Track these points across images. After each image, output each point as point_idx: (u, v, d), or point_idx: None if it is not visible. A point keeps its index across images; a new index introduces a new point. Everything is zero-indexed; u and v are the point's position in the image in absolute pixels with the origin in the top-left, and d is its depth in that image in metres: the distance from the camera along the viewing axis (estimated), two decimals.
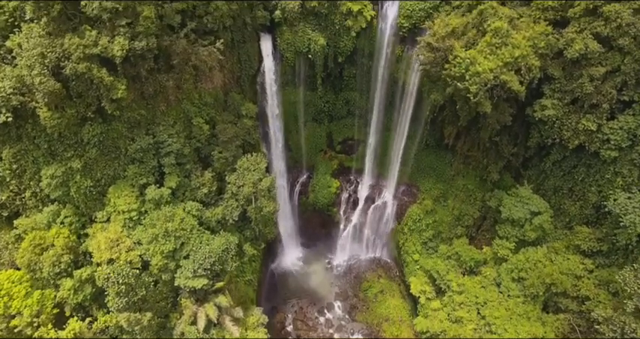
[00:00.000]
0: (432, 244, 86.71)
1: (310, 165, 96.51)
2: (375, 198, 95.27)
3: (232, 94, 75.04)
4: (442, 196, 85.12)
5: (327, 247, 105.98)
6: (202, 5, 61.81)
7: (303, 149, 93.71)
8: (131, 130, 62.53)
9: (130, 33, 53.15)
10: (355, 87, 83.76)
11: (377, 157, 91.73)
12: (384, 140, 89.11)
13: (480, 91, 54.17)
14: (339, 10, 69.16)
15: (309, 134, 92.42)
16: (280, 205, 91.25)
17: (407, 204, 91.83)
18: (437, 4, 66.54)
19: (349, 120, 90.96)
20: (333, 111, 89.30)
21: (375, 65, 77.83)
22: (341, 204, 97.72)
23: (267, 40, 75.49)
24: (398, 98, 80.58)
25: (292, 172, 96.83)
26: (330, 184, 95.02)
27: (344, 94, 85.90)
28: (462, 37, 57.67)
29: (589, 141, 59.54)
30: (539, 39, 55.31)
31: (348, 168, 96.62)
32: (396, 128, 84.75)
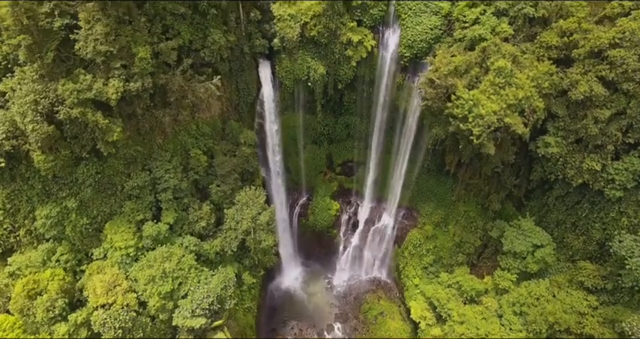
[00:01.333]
0: (433, 268, 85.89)
1: (310, 186, 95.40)
2: (375, 220, 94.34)
3: (230, 123, 73.86)
4: (443, 221, 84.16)
5: (327, 266, 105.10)
6: (199, 40, 60.55)
7: (302, 171, 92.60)
8: (127, 167, 61.52)
9: (125, 74, 52.07)
10: (355, 112, 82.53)
11: (377, 180, 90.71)
12: (384, 163, 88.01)
13: (484, 134, 53.08)
14: (339, 40, 67.85)
15: (308, 156, 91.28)
16: (280, 226, 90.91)
17: (407, 227, 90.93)
18: (439, 35, 65.22)
19: (349, 142, 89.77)
20: (332, 134, 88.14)
21: (375, 92, 76.60)
22: (341, 226, 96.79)
23: (265, 66, 74.20)
24: (399, 124, 79.41)
25: (292, 194, 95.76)
26: (330, 206, 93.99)
27: (344, 119, 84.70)
28: (465, 75, 56.42)
29: (593, 179, 58.54)
30: (543, 79, 54.15)
31: (348, 190, 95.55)
32: (397, 152, 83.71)
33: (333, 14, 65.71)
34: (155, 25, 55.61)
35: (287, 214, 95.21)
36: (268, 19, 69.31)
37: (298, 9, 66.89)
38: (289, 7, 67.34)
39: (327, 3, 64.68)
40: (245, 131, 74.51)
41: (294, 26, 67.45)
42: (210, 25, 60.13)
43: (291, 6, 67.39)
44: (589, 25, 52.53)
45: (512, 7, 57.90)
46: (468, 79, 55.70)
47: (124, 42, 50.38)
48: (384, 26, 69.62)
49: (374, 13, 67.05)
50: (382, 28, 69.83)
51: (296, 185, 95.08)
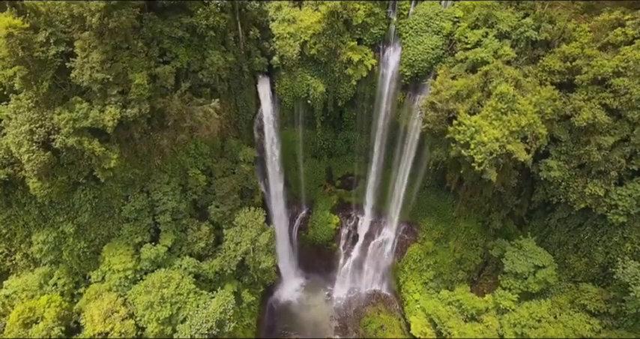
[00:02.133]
0: (433, 284, 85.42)
1: (310, 200, 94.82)
2: (375, 234, 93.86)
3: (229, 141, 73.17)
4: (443, 237, 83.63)
5: (327, 278, 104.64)
6: (197, 61, 59.74)
7: (302, 185, 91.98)
8: (125, 189, 60.96)
9: (122, 100, 51.37)
10: (355, 127, 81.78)
11: (377, 194, 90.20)
12: (384, 177, 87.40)
13: (485, 161, 52.33)
14: (339, 59, 66.97)
15: (308, 170, 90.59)
16: (279, 240, 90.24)
17: (407, 242, 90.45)
18: (440, 55, 64.41)
19: (349, 157, 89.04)
20: (332, 148, 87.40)
21: (376, 109, 75.89)
22: (341, 239, 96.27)
23: (265, 83, 73.37)
24: (399, 140, 78.73)
25: (291, 207, 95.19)
26: (330, 220, 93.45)
27: (344, 134, 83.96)
28: (467, 99, 55.67)
29: (596, 204, 57.90)
30: (545, 104, 53.44)
31: (348, 203, 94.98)
32: (398, 167, 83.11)
33: (333, 33, 64.80)
34: (152, 49, 54.84)
35: (287, 228, 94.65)
36: (267, 36, 68.43)
37: (298, 27, 65.99)
38: (289, 26, 66.42)
39: (327, 22, 63.75)
40: (244, 149, 73.87)
41: (293, 45, 66.58)
42: (209, 47, 59.29)
43: (291, 24, 66.45)
44: (592, 51, 51.75)
45: (515, 30, 57.12)
46: (470, 103, 54.94)
47: (120, 68, 49.64)
48: (384, 44, 68.78)
49: (374, 32, 66.18)
50: (383, 46, 69.00)
51: (296, 198, 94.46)
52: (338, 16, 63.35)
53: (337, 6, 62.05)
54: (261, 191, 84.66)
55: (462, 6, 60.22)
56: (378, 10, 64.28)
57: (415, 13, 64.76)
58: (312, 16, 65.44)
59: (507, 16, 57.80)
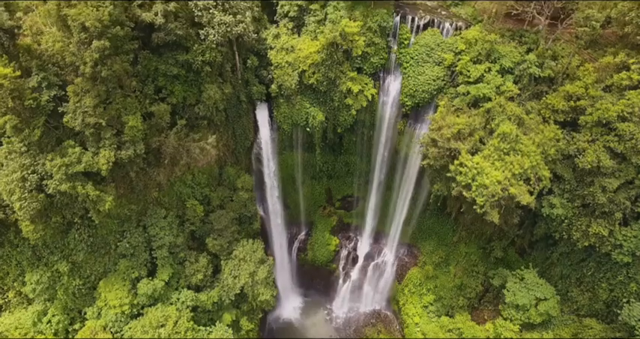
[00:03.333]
0: (433, 308, 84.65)
1: (309, 221, 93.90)
2: (374, 256, 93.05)
3: (227, 169, 72.17)
4: (444, 261, 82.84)
5: (326, 297, 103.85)
6: (193, 95, 58.59)
7: (301, 206, 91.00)
8: (121, 225, 60.08)
9: (116, 142, 50.27)
10: (355, 152, 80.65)
11: (377, 216, 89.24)
12: (385, 199, 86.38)
13: (487, 203, 51.30)
14: (339, 88, 65.72)
15: (307, 192, 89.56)
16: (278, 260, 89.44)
17: (407, 264, 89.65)
18: (441, 86, 63.18)
19: (349, 178, 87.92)
20: (332, 171, 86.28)
21: (376, 135, 74.72)
22: (340, 260, 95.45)
23: (263, 109, 72.27)
24: (400, 165, 77.64)
25: (291, 229, 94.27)
26: (329, 241, 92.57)
27: (344, 157, 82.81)
28: (469, 137, 54.52)
29: (600, 243, 56.86)
30: (549, 145, 52.38)
31: (348, 224, 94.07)
32: (398, 190, 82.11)
33: (333, 63, 63.54)
34: (147, 86, 53.82)
35: (286, 249, 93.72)
36: (265, 64, 67.21)
37: (296, 56, 64.67)
38: (287, 55, 65.10)
39: (326, 53, 62.47)
40: (242, 176, 73.00)
41: (292, 74, 65.31)
42: (205, 81, 58.10)
43: (289, 53, 65.13)
44: (596, 92, 50.59)
45: (518, 65, 55.89)
46: (472, 143, 53.83)
47: (113, 111, 48.56)
48: (384, 72, 67.52)
49: (374, 62, 64.86)
50: (383, 75, 67.73)
51: (295, 220, 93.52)
52: (337, 47, 62.09)
53: (336, 37, 60.73)
54: (260, 215, 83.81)
55: (464, 39, 58.86)
56: (378, 40, 62.91)
57: (416, 42, 63.48)
58: (311, 45, 64.14)
59: (510, 51, 56.54)
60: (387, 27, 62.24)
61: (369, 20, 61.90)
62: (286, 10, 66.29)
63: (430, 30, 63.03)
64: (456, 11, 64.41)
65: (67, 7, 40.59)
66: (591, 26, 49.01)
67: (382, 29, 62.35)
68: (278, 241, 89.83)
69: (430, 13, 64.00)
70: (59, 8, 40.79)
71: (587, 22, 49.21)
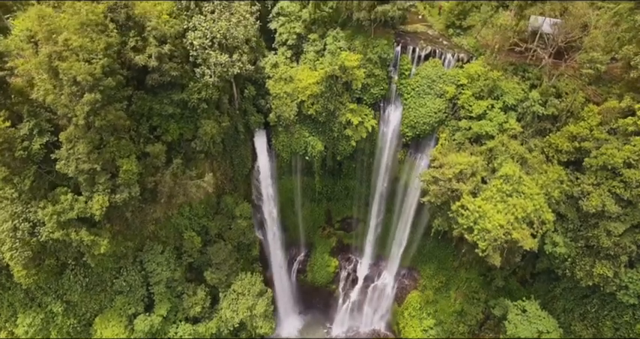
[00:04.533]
0: (433, 332, 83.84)
1: (308, 242, 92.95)
2: (374, 278, 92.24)
3: (225, 198, 71.03)
4: (444, 286, 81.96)
5: (326, 315, 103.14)
6: (190, 131, 57.40)
7: (300, 228, 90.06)
8: (117, 261, 59.13)
9: (111, 185, 49.13)
10: (355, 177, 79.61)
11: (377, 237, 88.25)
12: (385, 222, 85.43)
13: (489, 247, 50.29)
14: (338, 120, 64.54)
15: (306, 214, 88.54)
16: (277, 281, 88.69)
17: (407, 287, 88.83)
18: (442, 119, 61.97)
19: (348, 201, 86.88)
20: (331, 194, 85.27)
21: (376, 163, 73.66)
22: (340, 281, 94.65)
23: (261, 136, 70.98)
24: (401, 191, 76.60)
25: (290, 250, 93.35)
26: (329, 263, 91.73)
27: (344, 182, 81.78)
28: (471, 178, 53.39)
29: (604, 283, 55.85)
30: (552, 187, 51.33)
31: (347, 245, 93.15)
32: (399, 214, 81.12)
33: (332, 95, 62.38)
34: (142, 126, 52.58)
35: (285, 270, 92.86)
36: (264, 93, 65.96)
37: (295, 87, 63.43)
38: (285, 85, 63.83)
39: (325, 85, 61.26)
40: (240, 204, 72.00)
41: (290, 105, 64.09)
42: (201, 117, 56.85)
43: (288, 83, 63.86)
44: (601, 134, 49.43)
45: (521, 103, 54.69)
46: (474, 184, 52.73)
47: (108, 155, 47.40)
48: (385, 102, 66.34)
49: (375, 93, 63.63)
50: (383, 104, 66.56)
51: (294, 241, 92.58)
52: (337, 79, 60.86)
53: (336, 70, 59.55)
54: (259, 239, 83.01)
55: (466, 73, 57.58)
56: (378, 71, 61.62)
57: (418, 74, 62.23)
58: (310, 76, 62.87)
59: (513, 87, 55.29)
60: (388, 59, 60.90)
61: (369, 51, 60.64)
62: (284, 38, 65.09)
63: (431, 61, 61.76)
64: (457, 41, 63.08)
65: (59, 60, 39.34)
66: (596, 69, 47.75)
67: (382, 61, 61.08)
68: (277, 263, 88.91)
69: (431, 43, 62.68)
70: (50, 60, 39.54)
71: (591, 65, 47.95)
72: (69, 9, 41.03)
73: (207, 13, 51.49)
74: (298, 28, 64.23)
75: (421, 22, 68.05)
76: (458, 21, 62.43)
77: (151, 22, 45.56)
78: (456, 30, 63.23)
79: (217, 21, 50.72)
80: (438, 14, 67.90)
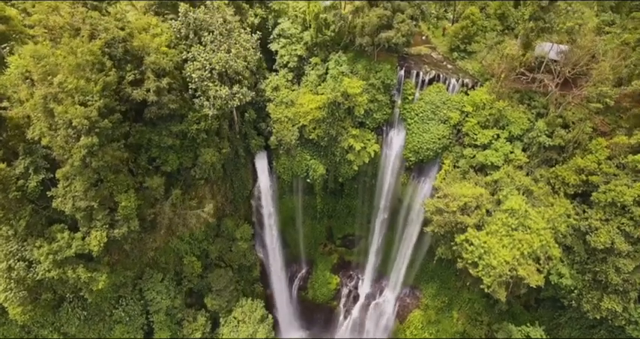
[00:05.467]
0: None
1: (309, 259, 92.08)
2: (376, 295, 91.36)
3: (225, 221, 70.09)
4: (446, 306, 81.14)
5: (327, 330, 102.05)
6: (189, 159, 56.33)
7: (301, 245, 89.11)
8: (116, 291, 58.21)
9: (109, 220, 48.12)
10: (357, 197, 78.58)
11: (379, 255, 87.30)
12: (387, 240, 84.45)
13: (495, 282, 49.34)
14: (340, 145, 63.46)
15: (307, 231, 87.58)
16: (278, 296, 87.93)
17: (409, 305, 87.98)
18: (447, 145, 60.89)
19: (350, 219, 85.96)
20: (333, 212, 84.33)
21: (378, 185, 72.61)
22: (341, 298, 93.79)
23: (262, 158, 69.93)
24: (403, 212, 75.51)
25: (291, 266, 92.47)
26: (330, 280, 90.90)
27: (345, 201, 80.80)
28: (476, 210, 52.37)
29: (612, 316, 54.71)
30: (559, 221, 50.30)
31: (349, 262, 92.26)
32: (401, 234, 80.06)
33: (334, 120, 61.33)
34: (141, 157, 51.51)
35: (286, 287, 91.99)
36: (264, 115, 64.92)
37: (296, 111, 62.35)
38: (287, 109, 62.77)
39: (327, 111, 60.19)
40: (241, 226, 71.25)
41: (292, 129, 63.02)
42: (201, 145, 55.78)
43: (289, 107, 62.78)
44: (610, 169, 48.36)
45: (527, 133, 53.61)
46: (479, 217, 51.73)
47: (105, 192, 46.36)
48: (388, 126, 65.19)
49: (377, 117, 62.52)
50: (386, 128, 65.45)
51: (295, 258, 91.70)
52: (339, 105, 59.74)
53: (338, 97, 58.43)
54: (260, 258, 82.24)
55: (471, 101, 56.45)
56: (381, 97, 60.51)
57: (421, 99, 61.08)
58: (312, 100, 61.69)
59: (519, 116, 54.17)
60: (391, 84, 59.76)
61: (371, 76, 59.52)
62: (286, 60, 63.95)
63: (435, 85, 60.64)
64: (462, 65, 61.87)
65: (54, 101, 38.24)
66: (604, 103, 46.65)
67: (386, 86, 59.99)
68: (278, 281, 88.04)
69: (435, 67, 61.53)
70: (46, 101, 38.45)
71: (600, 98, 46.83)
72: (65, 47, 39.84)
73: (206, 42, 50.30)
74: (299, 51, 63.08)
75: (425, 43, 66.83)
76: (462, 45, 61.15)
77: (150, 57, 44.38)
78: (461, 53, 62.01)
79: (216, 52, 49.55)
80: (442, 35, 66.72)
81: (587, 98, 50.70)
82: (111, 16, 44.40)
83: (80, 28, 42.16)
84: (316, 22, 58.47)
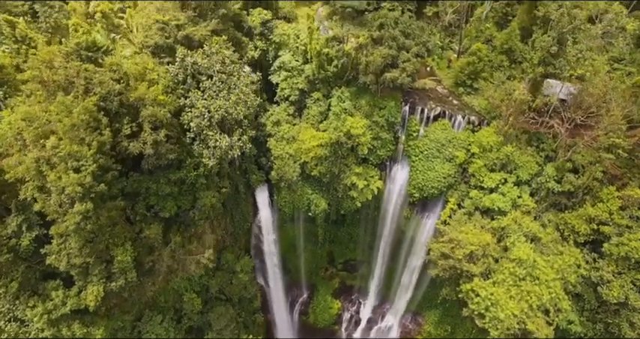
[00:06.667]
0: None
1: (310, 283, 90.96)
2: (378, 320, 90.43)
3: (226, 254, 68.75)
4: (450, 334, 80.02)
5: None
6: (188, 202, 54.80)
7: (302, 270, 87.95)
8: (114, 334, 56.68)
9: (106, 273, 46.71)
10: (359, 226, 77.29)
11: (382, 280, 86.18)
12: (389, 266, 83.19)
13: (502, 335, 48.06)
14: (343, 182, 61.97)
15: (308, 256, 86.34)
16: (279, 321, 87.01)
17: (412, 332, 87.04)
18: (452, 183, 59.44)
19: (352, 244, 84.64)
20: (334, 238, 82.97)
21: (381, 217, 71.27)
22: (342, 322, 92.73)
23: (263, 191, 68.47)
24: (407, 243, 74.20)
25: (292, 291, 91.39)
26: (331, 305, 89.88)
27: (347, 229, 79.52)
28: (482, 258, 51.02)
29: None
30: (569, 271, 48.88)
31: (350, 286, 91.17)
32: (404, 262, 78.71)
33: (337, 159, 59.76)
34: (138, 204, 49.95)
35: (287, 312, 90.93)
36: (265, 150, 63.42)
37: (298, 148, 60.73)
38: (288, 145, 61.23)
39: (330, 149, 58.61)
40: (242, 259, 70.04)
41: (293, 166, 61.50)
42: (200, 189, 54.20)
43: (290, 143, 61.21)
44: (622, 220, 46.92)
45: (535, 177, 52.15)
46: (485, 265, 50.40)
47: (102, 246, 44.89)
48: (391, 161, 63.69)
49: (381, 154, 61.05)
50: (390, 163, 63.94)
51: (296, 282, 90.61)
52: (342, 144, 58.18)
53: (341, 137, 56.84)
54: (260, 285, 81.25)
55: (478, 143, 54.91)
56: (385, 135, 58.95)
57: (426, 136, 59.57)
58: (314, 137, 59.84)
59: (527, 160, 52.66)
60: (396, 122, 58.21)
61: (375, 114, 58.02)
62: (287, 93, 62.28)
63: (441, 122, 59.15)
64: (468, 101, 60.21)
65: (47, 165, 36.70)
66: (617, 154, 45.16)
67: (390, 124, 58.42)
68: (279, 306, 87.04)
69: (441, 103, 59.96)
70: (38, 164, 36.90)
71: (612, 149, 45.34)
72: (60, 106, 38.18)
73: (204, 88, 48.66)
74: (301, 84, 61.34)
75: (429, 75, 65.02)
76: (469, 81, 59.44)
77: (147, 110, 42.68)
78: (467, 89, 60.30)
79: (215, 98, 47.92)
80: (447, 67, 64.92)
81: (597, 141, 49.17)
82: (106, 67, 42.68)
83: (74, 82, 40.52)
84: (318, 59, 56.72)
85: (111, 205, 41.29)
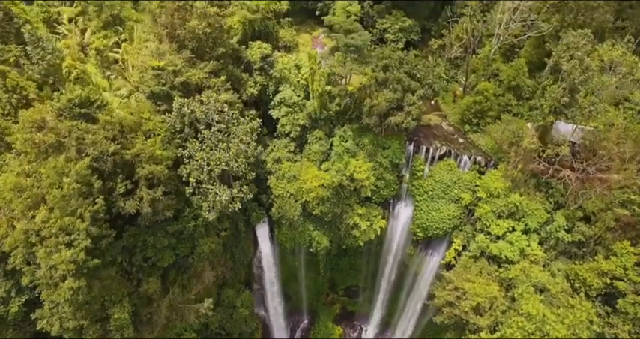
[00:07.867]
0: None
1: (311, 309, 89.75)
2: None
3: (226, 290, 67.36)
4: None
5: None
6: (187, 249, 53.14)
7: (303, 296, 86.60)
8: None
9: (102, 332, 45.14)
10: (362, 257, 75.85)
11: (385, 307, 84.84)
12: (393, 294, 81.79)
13: None
14: (345, 222, 60.36)
15: (309, 283, 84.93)
16: None
17: None
18: (457, 225, 57.88)
19: (353, 272, 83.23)
20: (336, 266, 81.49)
21: (384, 252, 69.85)
22: None
23: (263, 227, 66.81)
24: (411, 277, 72.73)
25: (292, 317, 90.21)
26: (333, 331, 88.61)
27: (349, 259, 78.04)
28: (489, 311, 49.55)
29: None
30: (580, 327, 47.36)
31: (352, 312, 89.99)
32: (408, 292, 77.34)
33: (339, 200, 58.06)
34: (135, 256, 48.32)
35: None
36: (265, 187, 61.68)
37: (299, 187, 58.97)
38: (289, 184, 59.46)
39: (332, 192, 56.90)
40: (242, 294, 68.74)
41: (294, 205, 59.84)
42: (199, 237, 52.57)
43: (291, 182, 59.47)
44: (638, 278, 45.24)
45: (544, 226, 50.56)
46: (492, 318, 48.96)
47: (97, 306, 43.27)
48: (395, 199, 62.09)
49: (384, 194, 59.34)
50: (393, 201, 62.38)
51: (296, 308, 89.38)
52: (344, 187, 56.48)
53: (343, 181, 55.13)
54: (261, 314, 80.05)
55: (485, 188, 53.22)
56: (389, 176, 57.26)
57: (431, 176, 57.93)
58: (316, 176, 57.98)
59: (536, 208, 51.06)
60: (400, 163, 56.51)
61: (379, 155, 56.30)
62: (288, 130, 60.32)
63: (446, 162, 57.52)
64: (474, 139, 58.43)
65: (37, 237, 35.01)
66: (632, 210, 43.50)
67: (394, 165, 56.70)
68: (279, 334, 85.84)
69: (446, 141, 58.28)
70: (27, 236, 35.21)
71: (627, 205, 43.67)
72: (50, 171, 36.43)
73: (202, 138, 46.83)
74: (302, 120, 59.40)
75: (434, 109, 63.28)
76: (475, 119, 57.64)
77: (144, 170, 40.90)
78: (473, 127, 58.51)
79: (214, 150, 46.12)
80: (453, 101, 63.12)
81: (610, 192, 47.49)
82: (100, 124, 40.81)
83: (66, 142, 38.74)
84: (320, 99, 54.87)
85: (105, 274, 39.60)
